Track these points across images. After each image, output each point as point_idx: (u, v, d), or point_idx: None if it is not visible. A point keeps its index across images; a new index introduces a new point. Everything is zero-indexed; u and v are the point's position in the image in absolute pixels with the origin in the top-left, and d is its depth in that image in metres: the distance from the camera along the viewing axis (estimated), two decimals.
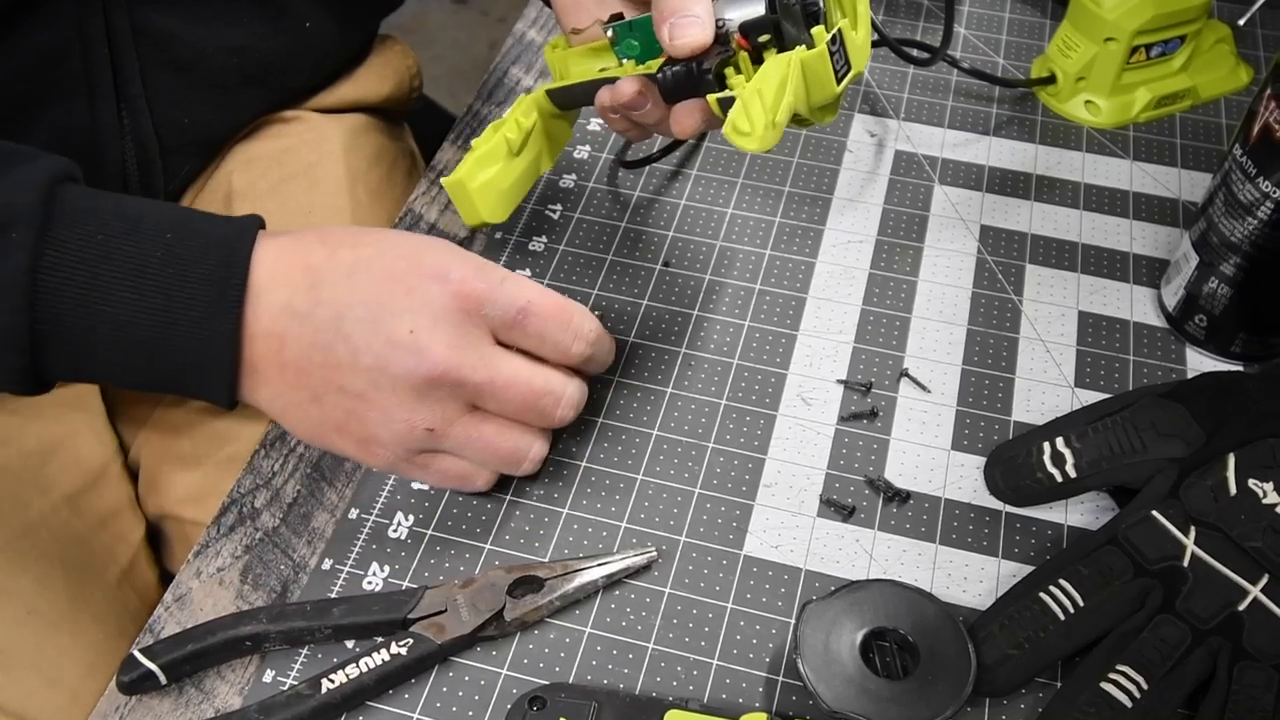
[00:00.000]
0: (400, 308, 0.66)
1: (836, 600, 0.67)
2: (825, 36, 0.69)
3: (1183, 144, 0.97)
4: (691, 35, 0.70)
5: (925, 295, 0.86)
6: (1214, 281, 0.79)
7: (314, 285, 0.67)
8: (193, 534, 0.86)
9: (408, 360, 0.66)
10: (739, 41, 0.71)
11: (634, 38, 0.77)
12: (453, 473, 0.72)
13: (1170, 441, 0.71)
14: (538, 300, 0.69)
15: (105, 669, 0.80)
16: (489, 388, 0.68)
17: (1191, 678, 0.63)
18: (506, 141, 0.80)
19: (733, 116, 0.68)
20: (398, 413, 0.67)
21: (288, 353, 0.67)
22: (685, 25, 0.70)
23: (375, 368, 0.66)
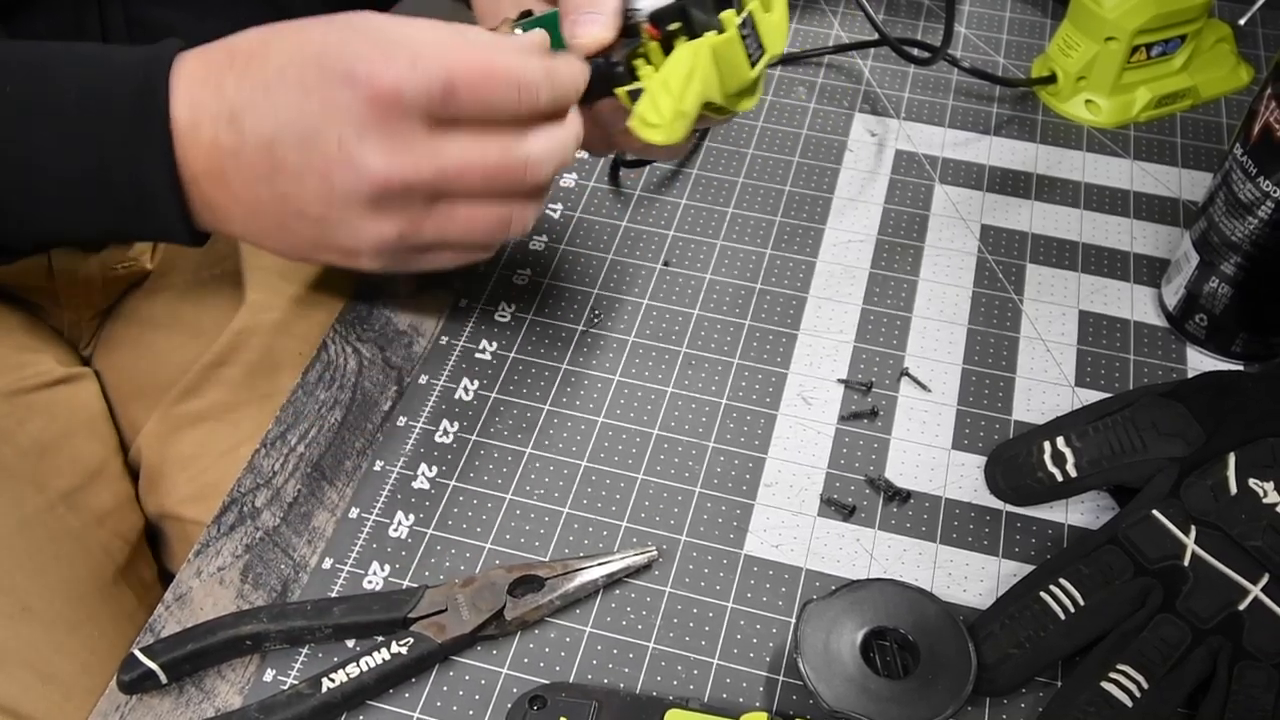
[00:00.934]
0: (321, 122, 0.62)
1: (837, 599, 0.67)
2: (735, 20, 0.68)
3: (1183, 143, 0.97)
4: (593, 31, 0.68)
5: (926, 295, 0.86)
6: (1214, 281, 0.79)
7: (234, 115, 0.64)
8: (193, 533, 0.86)
9: (348, 176, 0.63)
10: (649, 31, 0.69)
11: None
12: (449, 258, 0.70)
13: (1171, 441, 0.71)
14: (461, 70, 0.63)
15: (101, 666, 0.80)
16: (441, 180, 0.64)
17: (1192, 677, 0.63)
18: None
19: (639, 108, 0.67)
20: (363, 227, 0.65)
21: (236, 189, 0.65)
22: (587, 21, 0.68)
23: (322, 190, 0.64)
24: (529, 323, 0.84)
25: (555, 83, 0.66)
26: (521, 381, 0.81)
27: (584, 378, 0.81)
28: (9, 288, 0.95)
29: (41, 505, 0.84)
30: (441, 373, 0.81)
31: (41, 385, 0.91)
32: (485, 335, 0.83)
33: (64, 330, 0.98)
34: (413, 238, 0.66)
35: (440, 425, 0.79)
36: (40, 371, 0.91)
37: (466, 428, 0.78)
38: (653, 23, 0.68)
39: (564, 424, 0.79)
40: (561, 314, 0.85)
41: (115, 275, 0.96)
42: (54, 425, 0.89)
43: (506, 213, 0.68)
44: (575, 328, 0.84)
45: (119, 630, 0.84)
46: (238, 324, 0.92)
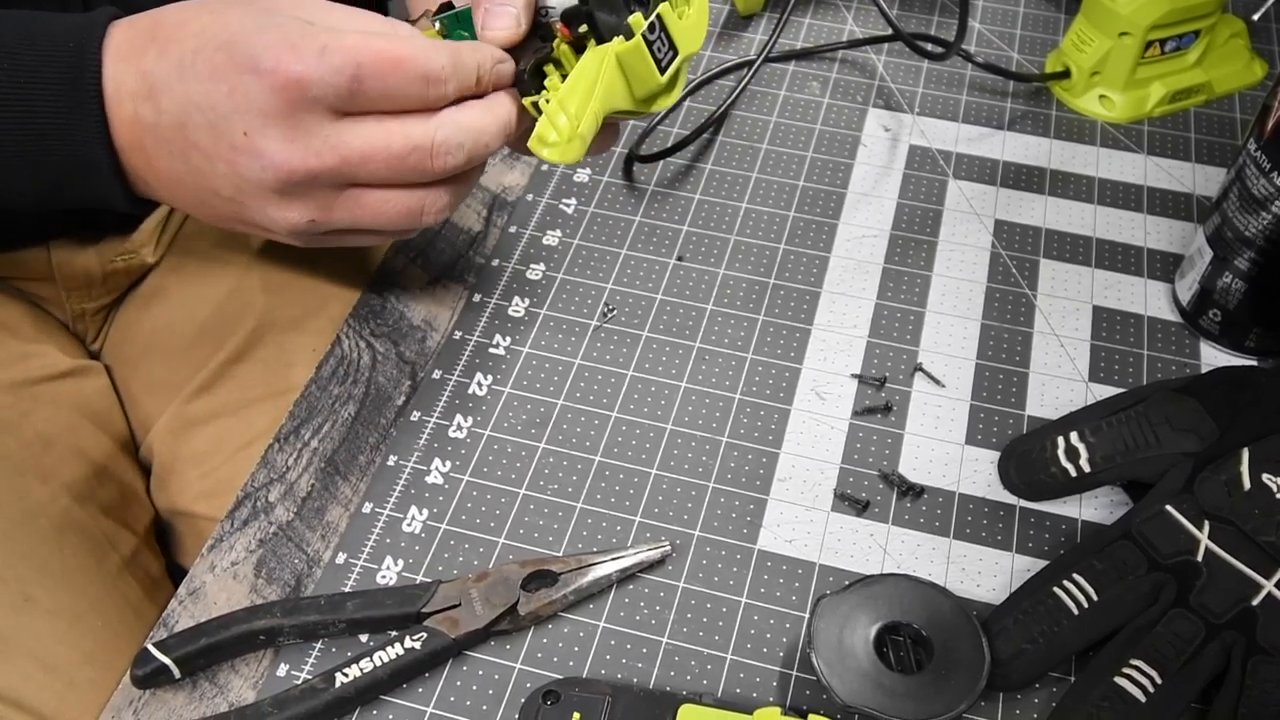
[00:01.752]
0: (229, 109, 0.63)
1: (850, 594, 0.67)
2: (642, 25, 0.68)
3: (1197, 139, 0.97)
4: (504, 24, 0.69)
5: (939, 290, 0.86)
6: (1228, 276, 0.79)
7: (151, 92, 0.65)
8: (206, 530, 0.86)
9: (253, 165, 0.63)
10: (561, 31, 0.69)
11: (464, 29, 0.73)
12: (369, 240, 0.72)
13: (1184, 436, 0.71)
14: (368, 61, 0.63)
15: (103, 657, 0.80)
16: (346, 168, 0.65)
17: (1205, 672, 0.63)
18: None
19: (539, 126, 0.67)
20: (273, 212, 0.66)
21: (157, 162, 0.66)
22: (499, 14, 0.69)
23: (231, 175, 0.64)
24: (542, 318, 0.84)
25: (461, 70, 0.67)
26: (535, 376, 0.81)
27: (598, 373, 0.81)
28: (13, 281, 0.95)
29: (45, 497, 0.84)
30: (455, 367, 0.81)
31: (47, 378, 0.91)
32: (499, 330, 0.84)
33: (69, 323, 0.99)
34: (324, 223, 0.67)
35: (454, 420, 0.79)
36: (46, 364, 0.91)
37: (480, 422, 0.79)
38: (564, 22, 0.68)
39: (578, 419, 0.79)
40: (575, 309, 0.85)
41: (115, 268, 0.96)
42: (59, 417, 0.89)
43: (418, 199, 0.69)
44: (589, 323, 0.84)
45: (123, 621, 0.84)
46: (250, 321, 0.92)
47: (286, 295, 0.93)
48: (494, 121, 0.69)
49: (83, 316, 0.98)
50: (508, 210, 0.92)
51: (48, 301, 0.97)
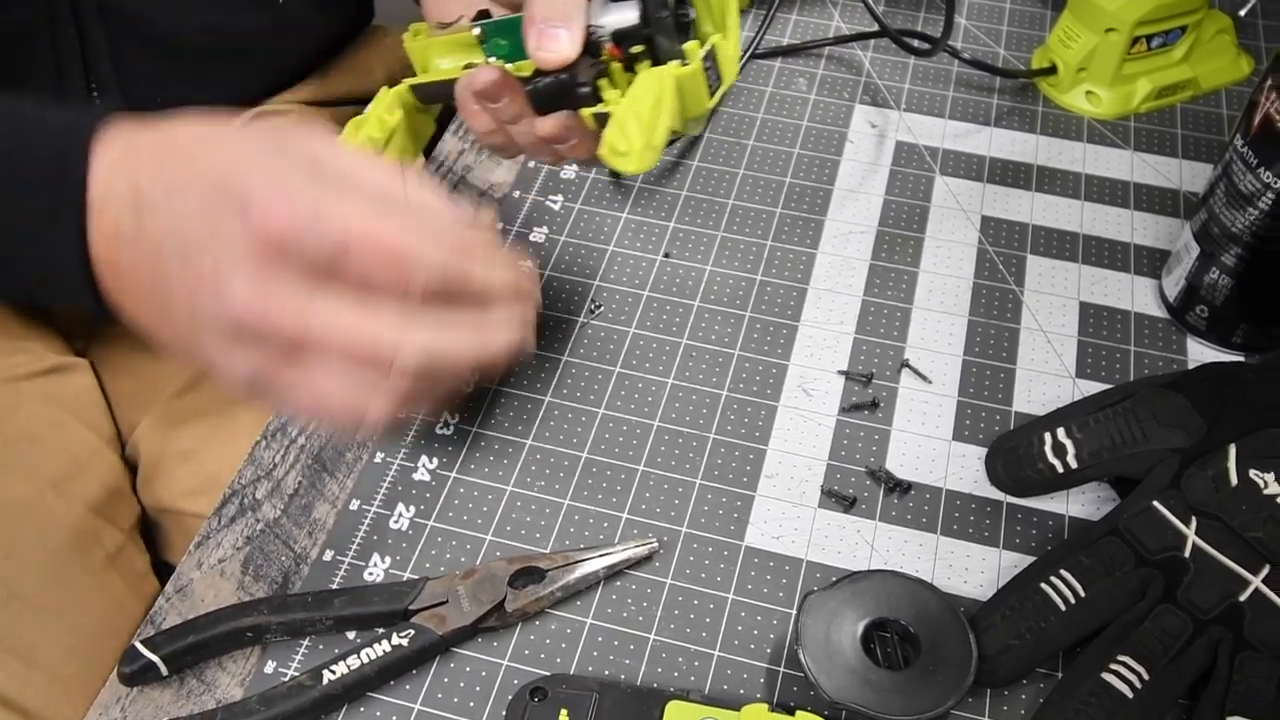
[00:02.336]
0: (205, 243, 0.59)
1: (838, 591, 0.67)
2: (699, 53, 0.68)
3: (1184, 134, 0.97)
4: (558, 48, 0.68)
5: (926, 286, 0.86)
6: (1215, 272, 0.79)
7: (138, 209, 0.62)
8: (193, 527, 0.86)
9: (210, 302, 0.59)
10: (611, 50, 0.69)
11: (502, 38, 0.73)
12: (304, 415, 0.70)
13: (1171, 432, 0.71)
14: (358, 241, 0.58)
15: (87, 653, 0.80)
16: (302, 334, 0.59)
17: (1192, 668, 0.64)
18: (371, 140, 0.75)
19: (609, 137, 0.67)
20: (218, 353, 0.61)
21: (126, 278, 0.63)
22: (552, 36, 0.68)
23: (188, 306, 0.60)
24: None
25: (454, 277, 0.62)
26: (522, 373, 0.81)
27: (584, 369, 0.81)
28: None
29: (30, 492, 0.84)
30: None
31: (32, 374, 0.91)
32: None
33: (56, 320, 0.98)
34: (263, 384, 0.61)
35: (441, 417, 0.79)
36: (31, 361, 0.91)
37: (467, 419, 0.78)
38: (615, 43, 0.68)
39: (564, 415, 0.79)
40: (562, 305, 0.85)
41: None
42: (44, 414, 0.89)
43: (362, 398, 0.60)
44: (575, 319, 0.84)
45: (107, 618, 0.84)
46: None
47: None
48: (473, 349, 0.63)
49: (68, 313, 0.98)
50: (494, 207, 0.92)
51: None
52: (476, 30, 0.73)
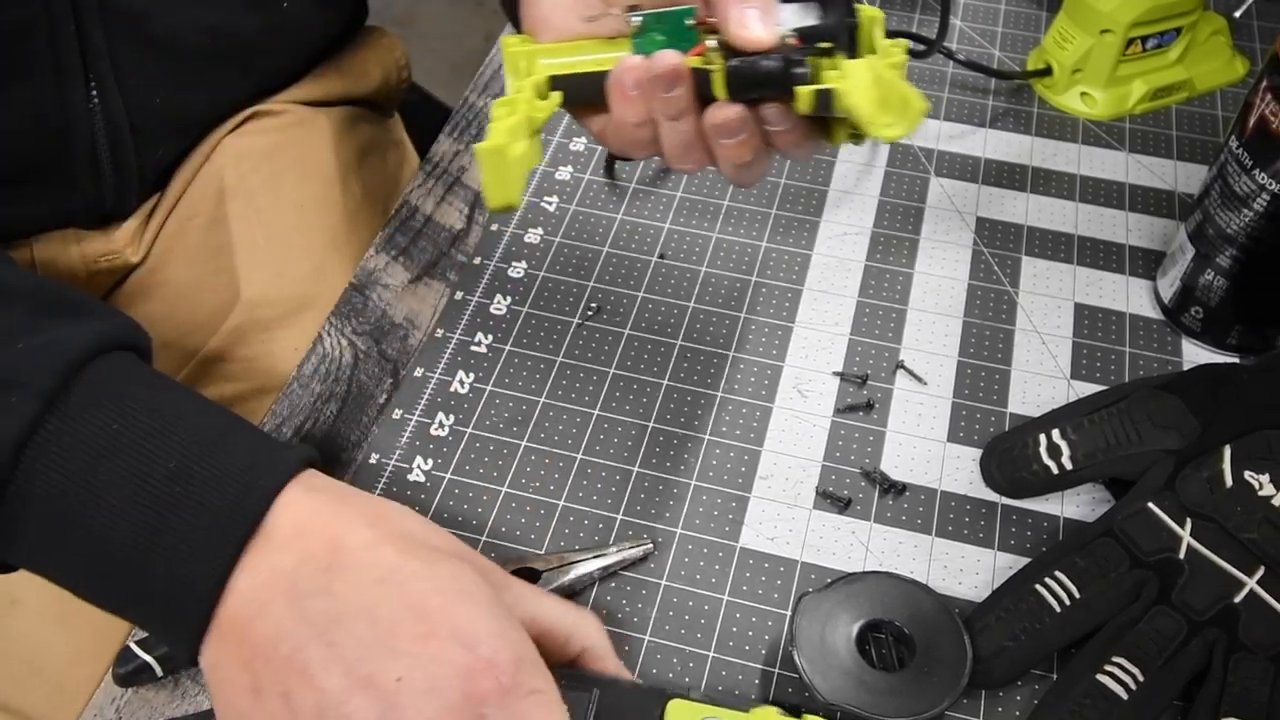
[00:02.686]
0: (404, 648, 0.52)
1: (832, 592, 0.67)
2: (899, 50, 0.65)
3: (1179, 136, 0.97)
4: (761, 27, 0.63)
5: (921, 287, 0.86)
6: (1210, 274, 0.79)
7: (331, 569, 0.54)
8: None
9: (369, 712, 0.51)
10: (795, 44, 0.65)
11: (660, 31, 0.68)
12: None
13: (1166, 433, 0.71)
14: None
15: (91, 658, 0.80)
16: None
17: (1187, 669, 0.64)
18: (530, 120, 0.67)
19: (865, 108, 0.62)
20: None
21: (258, 626, 0.53)
22: (754, 17, 0.64)
23: (332, 697, 0.51)
24: (524, 316, 0.84)
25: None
26: (517, 374, 0.81)
27: (580, 370, 0.81)
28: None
29: None
30: (437, 366, 0.81)
31: None
32: (481, 328, 0.83)
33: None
34: None
35: (436, 418, 0.78)
36: None
37: (462, 420, 0.78)
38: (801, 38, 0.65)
39: (560, 417, 0.79)
40: (557, 307, 0.85)
41: (99, 268, 0.96)
42: None
43: None
44: (571, 320, 0.84)
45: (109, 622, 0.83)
46: (234, 320, 0.92)
47: (268, 294, 0.93)
48: None
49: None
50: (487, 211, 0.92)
51: None
52: (636, 19, 0.68)
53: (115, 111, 0.88)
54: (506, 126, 0.65)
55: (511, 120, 0.66)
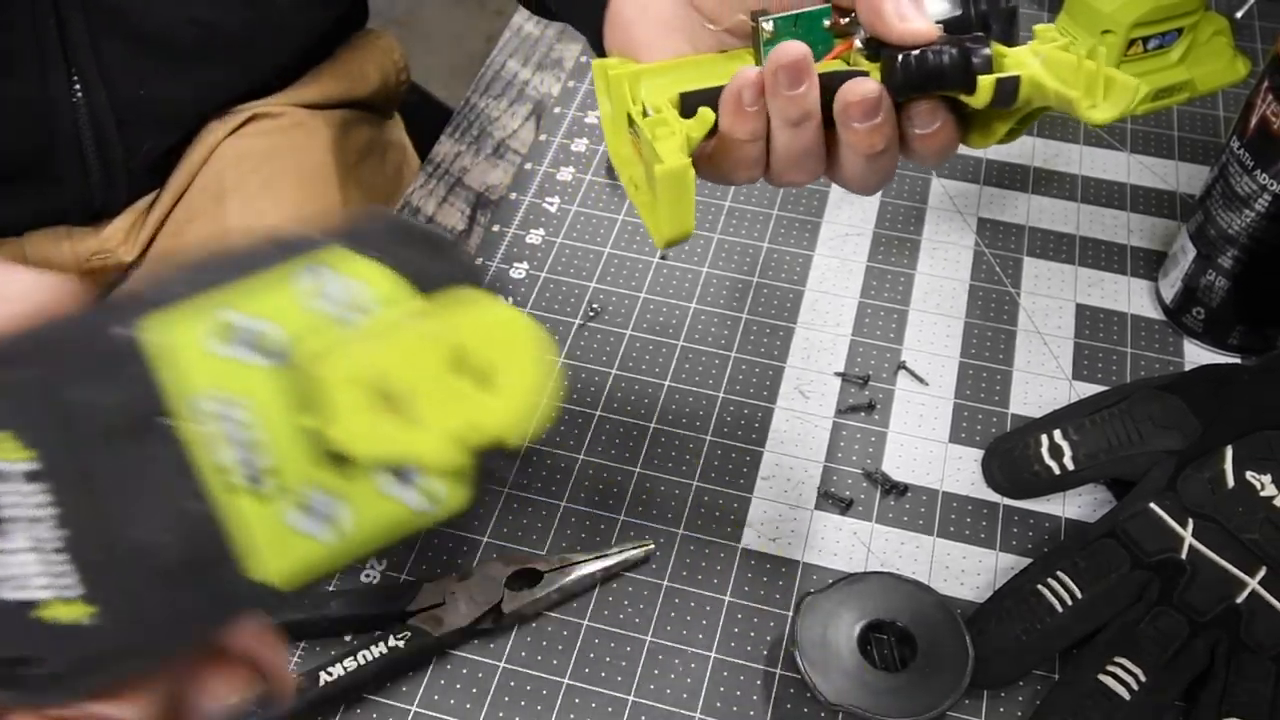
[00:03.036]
0: None
1: (834, 593, 0.67)
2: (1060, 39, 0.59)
3: (1180, 137, 0.97)
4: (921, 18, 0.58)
5: (923, 288, 0.86)
6: (1211, 274, 0.79)
7: None
8: None
9: None
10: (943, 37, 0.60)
11: (796, 36, 0.61)
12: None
13: (1168, 434, 0.71)
14: None
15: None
16: None
17: (1189, 670, 0.64)
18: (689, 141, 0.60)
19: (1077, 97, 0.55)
20: None
21: None
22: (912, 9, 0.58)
23: None
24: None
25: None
26: None
27: (581, 371, 0.81)
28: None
29: None
30: None
31: None
32: None
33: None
34: None
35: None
36: None
37: None
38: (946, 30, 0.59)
39: (561, 418, 0.79)
40: (559, 308, 0.85)
41: (92, 267, 0.96)
42: None
43: None
44: (572, 321, 0.84)
45: None
46: None
47: None
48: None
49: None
50: (491, 209, 0.92)
51: None
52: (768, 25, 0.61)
53: (99, 106, 0.88)
54: (675, 146, 0.58)
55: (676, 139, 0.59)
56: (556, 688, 0.67)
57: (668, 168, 0.56)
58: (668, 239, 0.59)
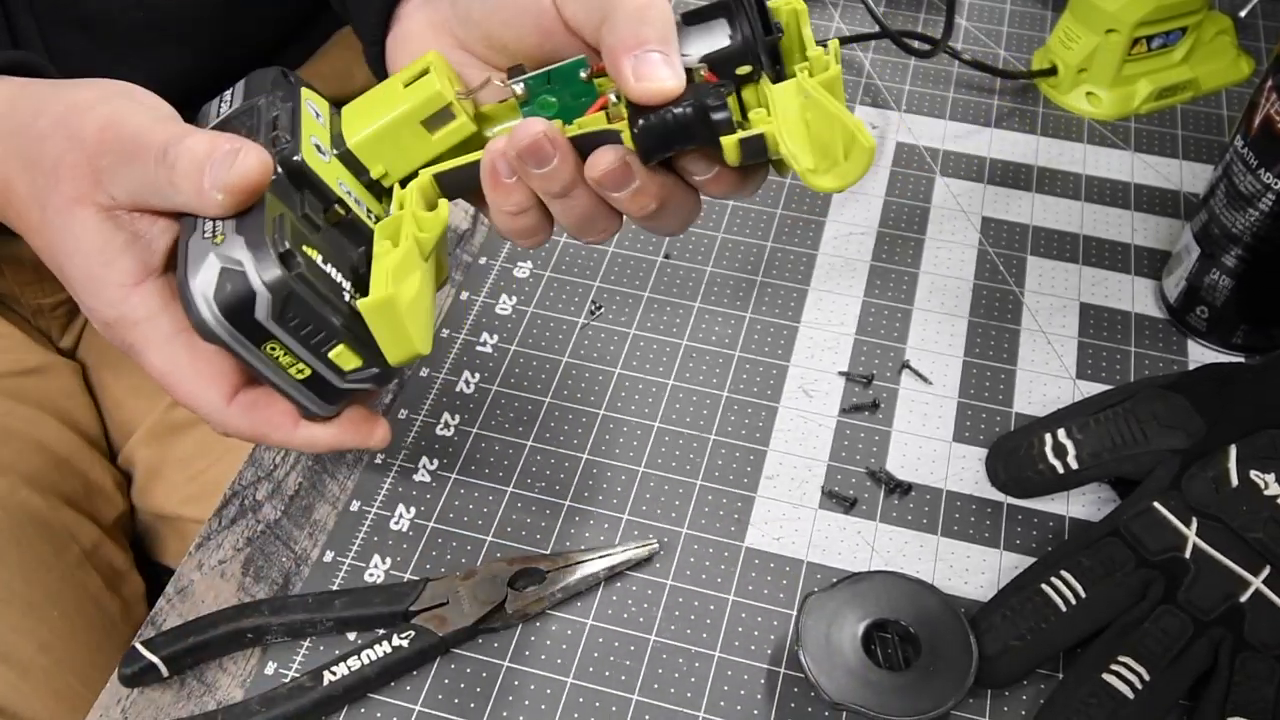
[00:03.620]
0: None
1: (838, 592, 0.67)
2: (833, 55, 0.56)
3: (1184, 135, 0.97)
4: (663, 75, 0.54)
5: (926, 287, 0.86)
6: (1215, 273, 0.79)
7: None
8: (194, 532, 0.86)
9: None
10: (706, 78, 0.57)
11: (551, 93, 0.60)
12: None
13: (1172, 433, 0.71)
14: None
15: (59, 647, 0.80)
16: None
17: (1193, 669, 0.64)
18: (418, 242, 0.58)
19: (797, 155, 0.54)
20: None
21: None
22: (654, 63, 0.54)
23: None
24: (530, 315, 0.84)
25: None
26: (523, 374, 0.81)
27: (585, 370, 0.81)
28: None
29: (3, 487, 0.84)
30: (443, 366, 0.81)
31: (9, 373, 0.90)
32: (486, 328, 0.83)
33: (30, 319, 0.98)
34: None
35: (441, 418, 0.79)
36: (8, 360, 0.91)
37: (468, 420, 0.78)
38: (711, 69, 0.56)
39: (565, 417, 0.79)
40: (563, 307, 0.85)
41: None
42: (19, 411, 0.89)
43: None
44: (576, 320, 0.84)
45: (82, 613, 0.84)
46: None
47: None
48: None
49: (41, 312, 0.97)
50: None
51: (6, 297, 0.97)
52: (519, 87, 0.60)
53: None
54: (392, 266, 0.56)
55: (397, 255, 0.57)
56: (560, 687, 0.67)
57: (368, 301, 0.55)
58: (395, 362, 0.58)
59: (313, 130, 0.60)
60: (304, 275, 0.54)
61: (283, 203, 0.56)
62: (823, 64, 0.56)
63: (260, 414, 0.60)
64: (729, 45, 0.56)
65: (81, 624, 0.82)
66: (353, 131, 0.61)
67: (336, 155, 0.61)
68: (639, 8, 0.55)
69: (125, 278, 0.58)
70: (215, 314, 0.53)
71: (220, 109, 0.62)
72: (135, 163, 0.56)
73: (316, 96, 0.63)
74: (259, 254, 0.53)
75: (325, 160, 0.60)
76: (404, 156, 0.61)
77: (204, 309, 0.53)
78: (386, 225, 0.58)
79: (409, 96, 0.60)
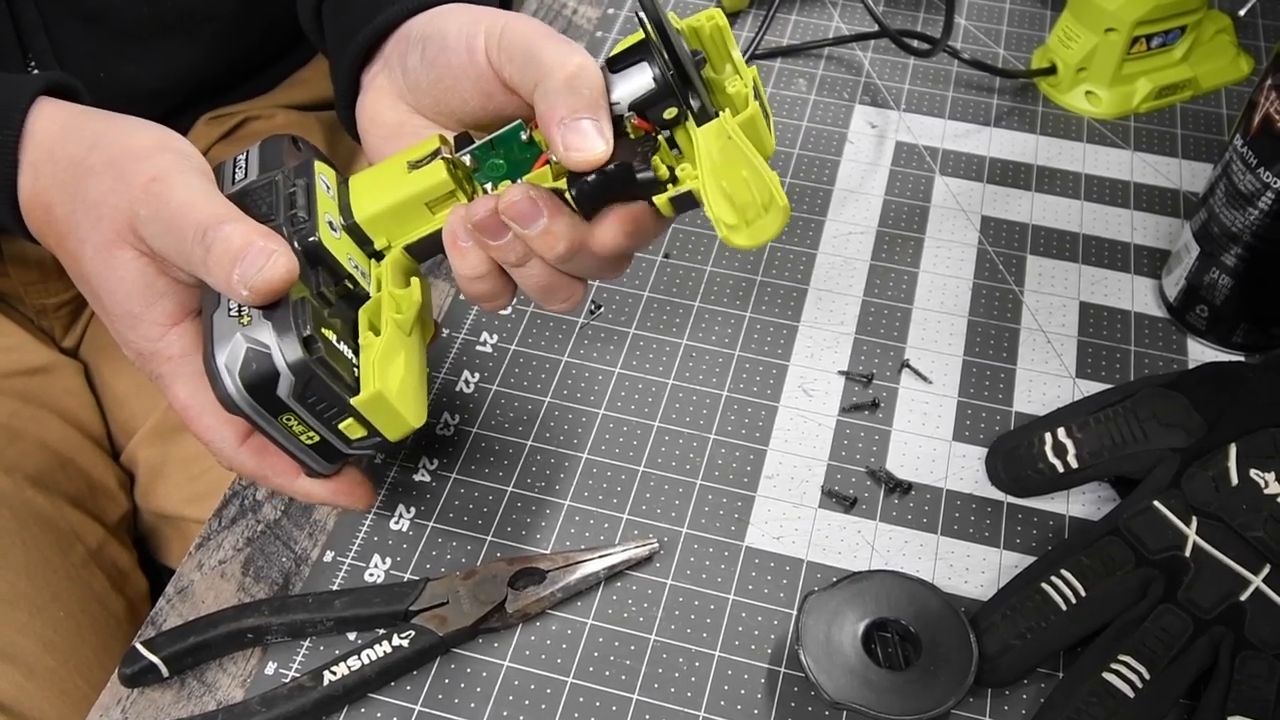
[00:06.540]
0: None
1: (838, 591, 0.67)
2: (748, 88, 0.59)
3: (1183, 134, 0.97)
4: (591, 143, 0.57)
5: (926, 286, 0.86)
6: (1215, 272, 0.79)
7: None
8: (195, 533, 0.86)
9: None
10: (639, 125, 0.59)
11: (498, 157, 0.63)
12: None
13: (1172, 431, 0.71)
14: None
15: (64, 646, 0.80)
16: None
17: (1193, 667, 0.64)
18: (395, 323, 0.61)
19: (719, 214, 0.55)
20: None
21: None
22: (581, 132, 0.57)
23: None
24: (530, 315, 0.84)
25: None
26: (522, 374, 0.81)
27: (585, 370, 0.81)
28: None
29: (8, 487, 0.84)
30: (443, 365, 0.81)
31: (12, 373, 0.90)
32: (486, 328, 0.83)
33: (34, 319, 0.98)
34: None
35: (441, 418, 0.79)
36: (11, 360, 0.91)
37: (467, 420, 0.78)
38: (640, 115, 0.58)
39: (565, 416, 0.79)
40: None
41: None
42: (24, 411, 0.89)
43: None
44: (576, 320, 0.84)
45: (86, 612, 0.84)
46: None
47: None
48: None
49: (45, 312, 0.97)
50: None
51: (10, 296, 0.97)
52: (467, 158, 0.63)
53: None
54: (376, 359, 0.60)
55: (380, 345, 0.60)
56: (561, 686, 0.67)
57: (361, 399, 0.59)
58: (393, 438, 0.62)
59: (326, 207, 0.63)
60: (323, 358, 0.57)
61: (302, 281, 0.59)
62: (742, 101, 0.59)
63: (268, 460, 0.64)
64: (653, 88, 0.58)
65: (87, 624, 0.82)
66: (361, 207, 0.64)
67: (345, 228, 0.63)
68: (569, 77, 0.57)
69: (164, 318, 0.62)
70: (240, 390, 0.57)
71: (235, 174, 0.65)
72: (173, 233, 0.58)
73: (326, 168, 0.65)
74: (284, 338, 0.57)
75: (336, 236, 0.62)
76: (405, 230, 0.64)
77: (229, 384, 0.57)
78: (368, 310, 0.62)
79: (417, 180, 0.63)
